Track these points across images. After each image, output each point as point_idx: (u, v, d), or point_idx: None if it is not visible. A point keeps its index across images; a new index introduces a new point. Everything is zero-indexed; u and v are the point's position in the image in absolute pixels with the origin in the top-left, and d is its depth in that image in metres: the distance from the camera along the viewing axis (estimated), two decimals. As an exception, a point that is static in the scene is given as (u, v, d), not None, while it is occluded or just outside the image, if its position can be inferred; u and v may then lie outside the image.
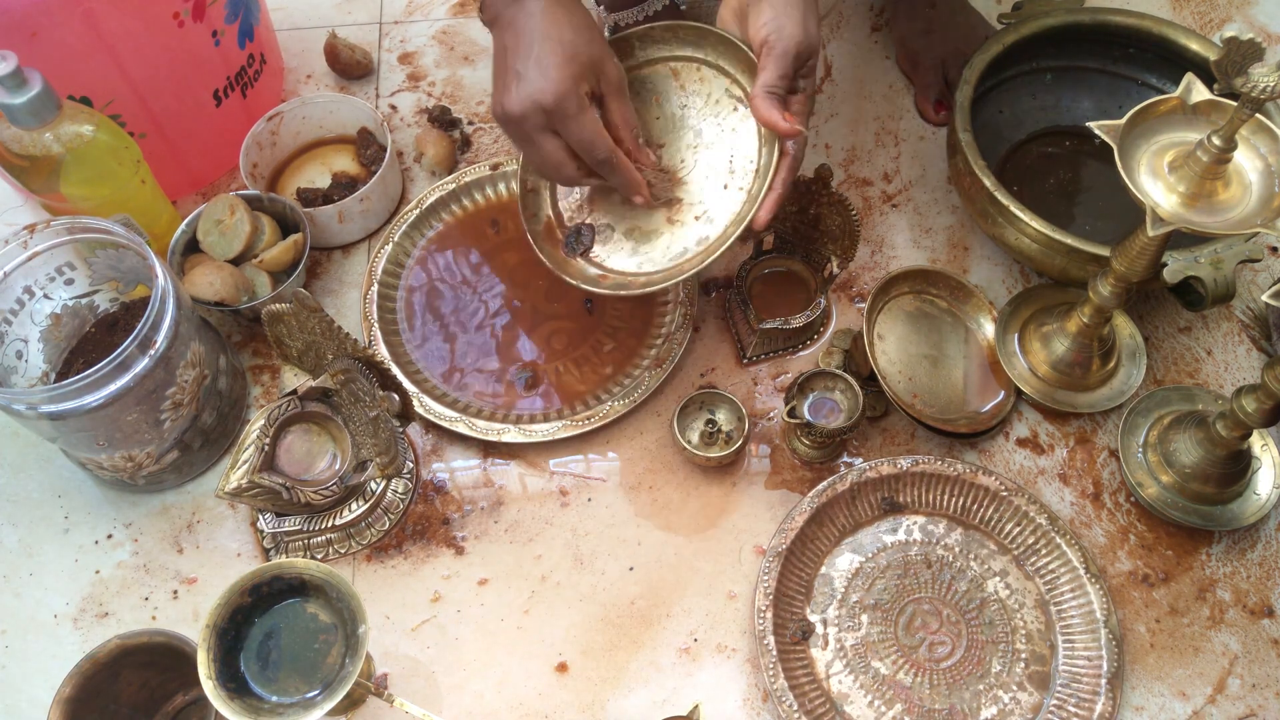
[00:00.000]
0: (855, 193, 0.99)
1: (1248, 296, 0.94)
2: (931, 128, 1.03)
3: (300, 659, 0.66)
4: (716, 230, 0.77)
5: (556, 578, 0.82)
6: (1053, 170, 0.98)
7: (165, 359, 0.74)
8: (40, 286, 0.82)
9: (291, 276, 0.89)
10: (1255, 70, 0.61)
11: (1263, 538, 0.83)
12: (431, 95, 1.06)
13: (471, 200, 0.97)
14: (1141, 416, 0.85)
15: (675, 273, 0.78)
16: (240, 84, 0.96)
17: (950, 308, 0.90)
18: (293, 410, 0.76)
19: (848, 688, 0.77)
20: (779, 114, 0.71)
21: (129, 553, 0.83)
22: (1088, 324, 0.83)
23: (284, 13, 1.11)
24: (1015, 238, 0.84)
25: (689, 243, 0.79)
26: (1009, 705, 0.76)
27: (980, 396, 0.87)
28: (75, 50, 0.81)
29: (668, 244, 0.80)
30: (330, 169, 1.00)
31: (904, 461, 0.82)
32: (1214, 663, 0.79)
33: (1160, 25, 0.92)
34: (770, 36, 0.71)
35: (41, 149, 0.77)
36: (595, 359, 0.89)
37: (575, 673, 0.78)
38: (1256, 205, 0.66)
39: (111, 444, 0.76)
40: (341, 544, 0.82)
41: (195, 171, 0.99)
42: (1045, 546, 0.80)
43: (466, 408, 0.87)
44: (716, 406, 0.85)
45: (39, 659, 0.79)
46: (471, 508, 0.84)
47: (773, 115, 0.71)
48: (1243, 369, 0.90)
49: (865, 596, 0.80)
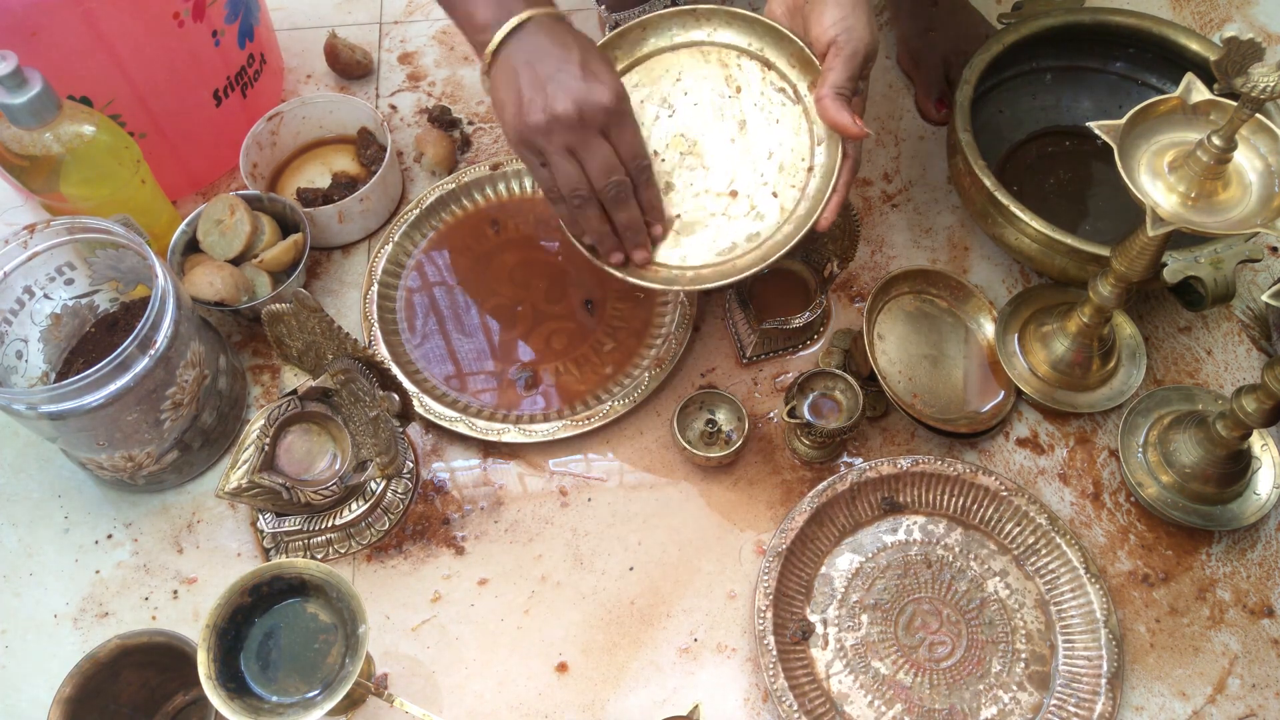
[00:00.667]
0: (855, 193, 0.99)
1: (1248, 296, 0.94)
2: (931, 128, 1.03)
3: (300, 659, 0.66)
4: (767, 227, 0.75)
5: (556, 578, 0.82)
6: (1053, 170, 0.98)
7: (165, 359, 0.74)
8: (40, 286, 0.82)
9: (291, 276, 0.89)
10: (1255, 70, 0.61)
11: (1263, 538, 0.83)
12: (431, 95, 1.06)
13: (471, 200, 0.97)
14: (1141, 416, 0.85)
15: (730, 271, 0.75)
16: (240, 84, 0.96)
17: (950, 308, 0.90)
18: (293, 410, 0.76)
19: (848, 688, 0.77)
20: (849, 116, 0.70)
21: (129, 553, 0.83)
22: (1088, 324, 0.83)
23: (284, 13, 1.11)
24: (1015, 238, 0.84)
25: (738, 237, 0.76)
26: (1009, 705, 0.76)
27: (980, 396, 0.87)
28: (75, 50, 0.81)
29: (713, 237, 0.77)
30: (330, 169, 1.00)
31: (904, 461, 0.82)
32: (1214, 663, 0.79)
33: (1160, 25, 0.92)
34: (840, 37, 0.69)
35: (41, 149, 0.77)
36: (595, 359, 0.89)
37: (575, 673, 0.78)
38: (1256, 205, 0.66)
39: (111, 444, 0.76)
40: (341, 544, 0.82)
41: (195, 171, 0.99)
42: (1045, 546, 0.80)
43: (466, 408, 0.87)
44: (716, 406, 0.85)
45: (39, 659, 0.79)
46: (471, 508, 0.84)
47: (843, 117, 0.70)
48: (1243, 369, 0.90)
49: (865, 596, 0.80)
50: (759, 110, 0.77)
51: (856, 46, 0.69)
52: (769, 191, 0.76)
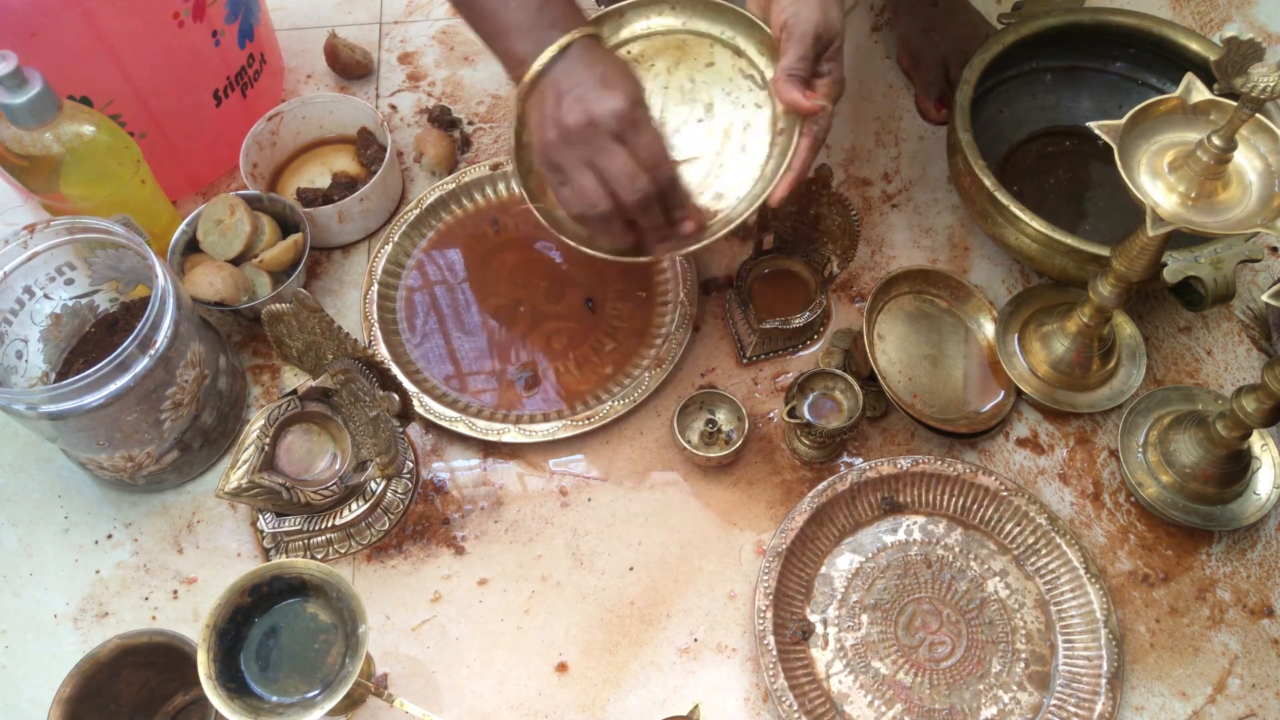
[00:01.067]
0: (855, 193, 0.99)
1: (1248, 296, 0.94)
2: (931, 127, 1.03)
3: (300, 659, 0.66)
4: (725, 205, 0.77)
5: (556, 578, 0.82)
6: (1053, 170, 0.98)
7: (165, 359, 0.74)
8: (40, 286, 0.82)
9: (291, 276, 0.89)
10: (1255, 70, 0.61)
11: (1263, 538, 0.83)
12: (431, 95, 1.06)
13: (471, 200, 0.97)
14: (1141, 416, 0.85)
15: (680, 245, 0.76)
16: (240, 84, 0.96)
17: (950, 308, 0.90)
18: (293, 410, 0.76)
19: (848, 688, 0.77)
20: (800, 93, 0.72)
21: (129, 553, 0.83)
22: (1088, 324, 0.83)
23: (284, 13, 1.11)
24: (1015, 238, 0.84)
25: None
26: (1009, 705, 0.76)
27: (980, 396, 0.87)
28: (75, 50, 0.81)
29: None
30: (330, 169, 1.00)
31: (904, 461, 0.82)
32: (1214, 663, 0.79)
33: (1160, 25, 0.92)
34: (789, 20, 0.72)
35: (41, 149, 0.77)
36: (595, 359, 0.89)
37: (575, 673, 0.78)
38: (1256, 205, 0.66)
39: (111, 444, 0.76)
40: (341, 544, 0.82)
41: (195, 171, 0.99)
42: (1045, 546, 0.80)
43: (466, 408, 0.87)
44: (716, 406, 0.85)
45: (39, 659, 0.79)
46: (471, 508, 0.84)
47: (794, 95, 0.72)
48: (1243, 369, 0.90)
49: (865, 596, 0.80)
50: (726, 95, 0.79)
51: (805, 28, 0.71)
52: (729, 173, 0.78)
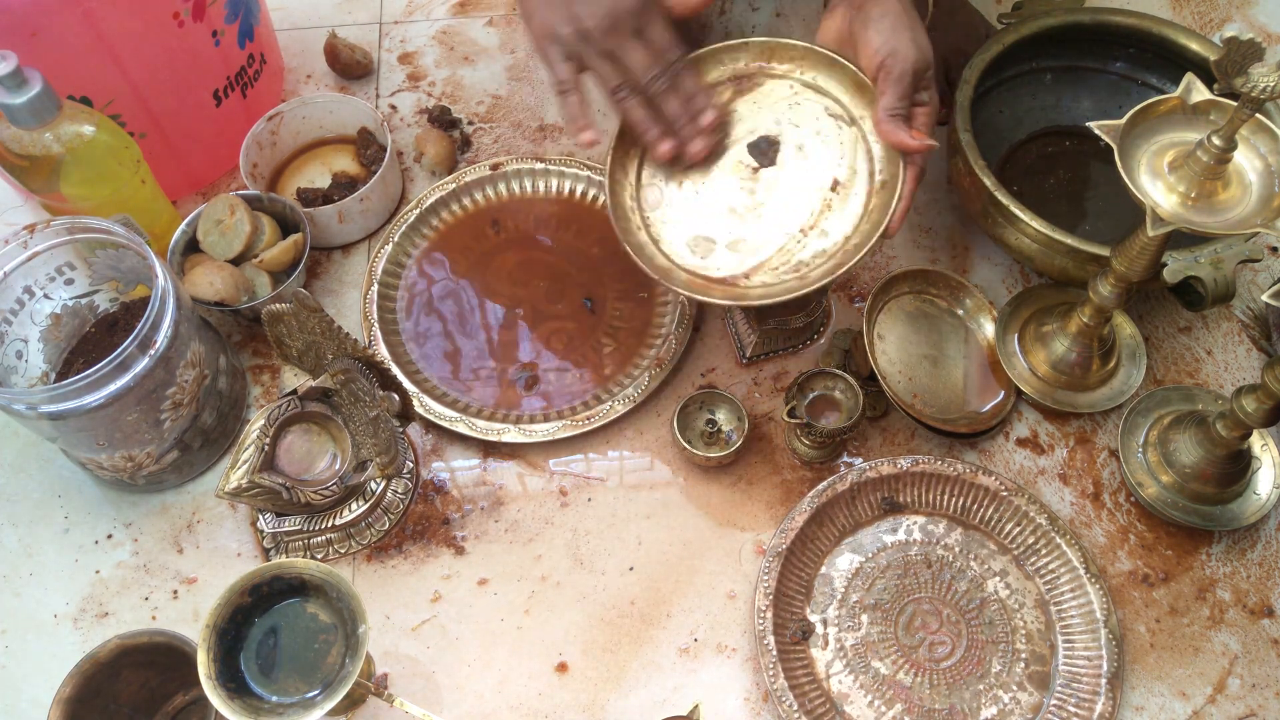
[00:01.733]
0: (855, 193, 0.99)
1: (1248, 296, 0.94)
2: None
3: (300, 659, 0.66)
4: (832, 243, 0.76)
5: (556, 578, 0.82)
6: (1053, 170, 0.98)
7: (165, 359, 0.74)
8: (40, 286, 0.82)
9: (291, 276, 0.89)
10: (1255, 70, 0.61)
11: (1263, 538, 0.83)
12: (431, 95, 1.06)
13: (472, 200, 0.97)
14: (1141, 416, 0.85)
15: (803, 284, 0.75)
16: (240, 84, 0.96)
17: (950, 308, 0.90)
18: (293, 410, 0.76)
19: (848, 688, 0.77)
20: (905, 133, 0.72)
21: (129, 553, 0.83)
22: (1088, 324, 0.83)
23: (284, 13, 1.11)
24: (1015, 238, 0.84)
25: (804, 256, 0.77)
26: (1009, 705, 0.76)
27: (980, 396, 0.87)
28: (75, 50, 0.81)
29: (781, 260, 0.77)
30: (330, 169, 1.00)
31: (904, 461, 0.82)
32: (1214, 663, 0.79)
33: (1160, 25, 0.92)
34: (886, 60, 0.72)
35: (41, 149, 0.77)
36: (595, 359, 0.89)
37: (575, 673, 0.78)
38: (1256, 205, 0.66)
39: (111, 444, 0.76)
40: (341, 544, 0.82)
41: (195, 171, 0.99)
42: (1045, 546, 0.80)
43: (466, 408, 0.87)
44: (716, 406, 0.85)
45: (39, 659, 0.79)
46: (471, 507, 0.84)
47: (899, 136, 0.72)
48: (1243, 369, 0.90)
49: (865, 596, 0.80)
50: (817, 136, 0.79)
51: (904, 67, 0.72)
52: (830, 210, 0.77)
